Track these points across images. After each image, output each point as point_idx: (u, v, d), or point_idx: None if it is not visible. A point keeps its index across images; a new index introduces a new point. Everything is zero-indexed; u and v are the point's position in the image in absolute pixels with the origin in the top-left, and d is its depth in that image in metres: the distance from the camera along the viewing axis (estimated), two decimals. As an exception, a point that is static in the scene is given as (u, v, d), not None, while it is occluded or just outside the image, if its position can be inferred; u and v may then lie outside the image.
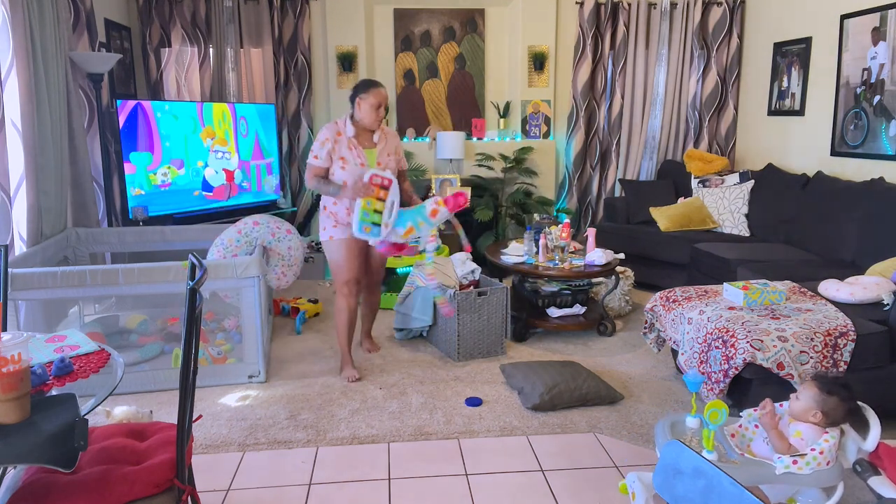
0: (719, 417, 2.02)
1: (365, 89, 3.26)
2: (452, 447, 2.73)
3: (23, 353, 1.41)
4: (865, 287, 3.03)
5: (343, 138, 3.28)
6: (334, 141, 3.27)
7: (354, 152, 3.27)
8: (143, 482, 1.64)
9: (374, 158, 3.32)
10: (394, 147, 3.41)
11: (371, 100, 3.24)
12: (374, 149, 3.34)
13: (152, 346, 3.57)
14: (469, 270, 3.86)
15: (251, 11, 5.35)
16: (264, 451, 2.71)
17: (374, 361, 3.66)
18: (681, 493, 1.45)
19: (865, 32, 4.13)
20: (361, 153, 3.29)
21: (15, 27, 3.35)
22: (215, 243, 3.68)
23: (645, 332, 3.41)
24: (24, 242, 3.54)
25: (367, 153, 3.31)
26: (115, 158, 4.59)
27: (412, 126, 5.79)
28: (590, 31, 5.54)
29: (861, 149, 4.21)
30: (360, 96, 3.27)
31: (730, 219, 4.85)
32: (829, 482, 1.99)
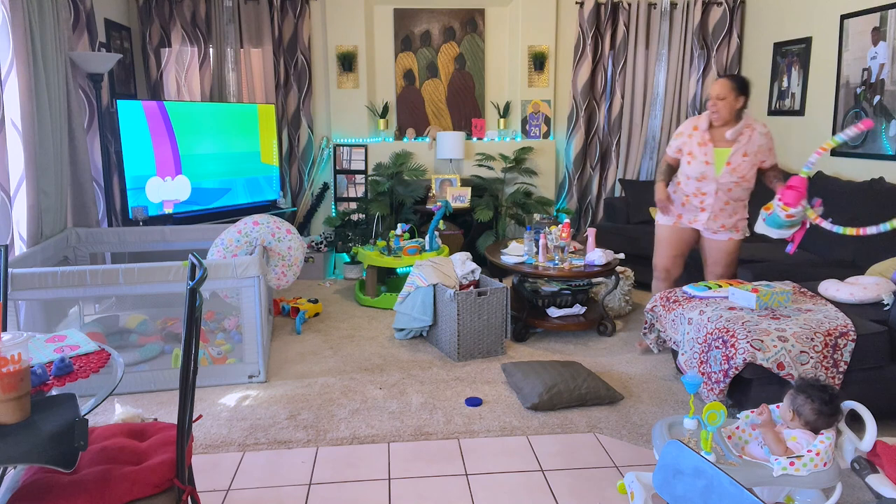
0: (717, 419, 2.03)
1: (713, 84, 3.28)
2: (452, 447, 2.73)
3: (23, 353, 1.41)
4: (865, 287, 3.03)
5: (697, 133, 3.31)
6: (689, 135, 3.33)
7: (703, 150, 3.29)
8: (143, 482, 1.64)
9: (724, 159, 3.27)
10: (756, 147, 3.26)
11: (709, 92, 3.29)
12: (727, 148, 3.28)
13: (152, 346, 3.57)
14: (469, 270, 3.86)
15: (251, 11, 5.35)
16: (264, 451, 2.71)
17: (374, 361, 3.66)
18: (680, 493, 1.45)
19: (865, 32, 4.13)
20: (710, 152, 3.28)
21: (15, 27, 3.35)
22: (215, 243, 3.68)
23: (645, 333, 3.41)
24: (24, 242, 3.54)
25: (717, 153, 3.27)
26: (116, 158, 4.59)
27: (412, 126, 5.79)
28: (590, 31, 5.54)
29: (861, 149, 4.21)
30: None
31: (730, 219, 4.84)
32: (826, 483, 1.99)
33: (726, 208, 3.40)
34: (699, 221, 3.46)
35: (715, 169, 3.30)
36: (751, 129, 3.27)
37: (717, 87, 3.24)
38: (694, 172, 3.34)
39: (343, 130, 5.64)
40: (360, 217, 5.52)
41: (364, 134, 5.64)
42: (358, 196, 5.63)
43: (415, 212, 5.46)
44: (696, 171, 3.32)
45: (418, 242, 4.63)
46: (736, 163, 3.27)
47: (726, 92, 3.22)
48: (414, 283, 3.92)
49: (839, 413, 2.07)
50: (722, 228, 3.45)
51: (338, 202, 5.68)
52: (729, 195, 3.36)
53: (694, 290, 3.19)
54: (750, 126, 3.28)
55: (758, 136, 3.27)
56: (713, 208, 3.39)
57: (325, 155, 5.71)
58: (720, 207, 3.39)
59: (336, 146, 5.60)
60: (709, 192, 3.36)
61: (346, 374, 3.49)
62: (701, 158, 3.30)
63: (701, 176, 3.33)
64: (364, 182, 5.61)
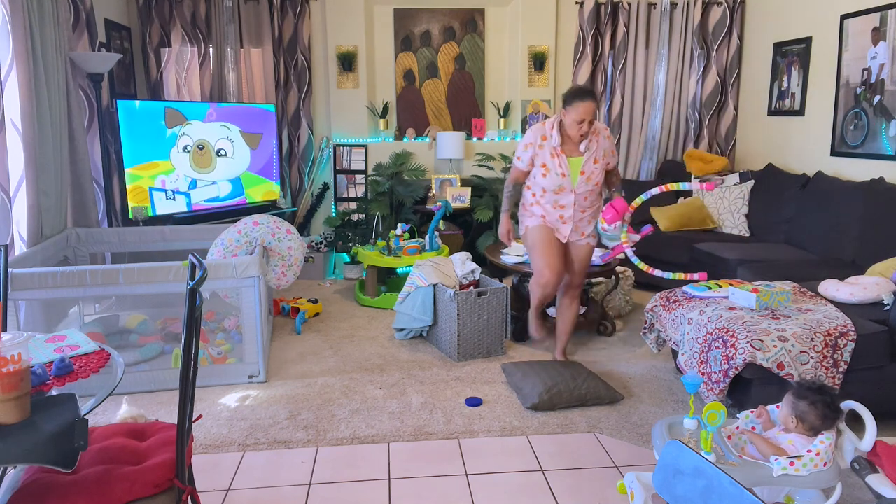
0: (717, 419, 2.03)
1: (570, 101, 3.08)
2: (452, 447, 2.73)
3: (23, 353, 1.41)
4: (865, 287, 3.03)
5: (548, 144, 3.18)
6: (539, 146, 3.19)
7: (557, 161, 3.17)
8: (143, 482, 1.64)
9: (578, 168, 3.19)
10: (603, 151, 3.23)
11: (573, 115, 3.07)
12: (579, 158, 3.20)
13: (152, 346, 3.57)
14: (469, 270, 3.86)
15: (251, 11, 5.35)
16: (264, 451, 2.71)
17: (374, 361, 3.66)
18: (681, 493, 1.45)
19: (865, 32, 4.13)
20: (564, 162, 3.18)
21: (15, 27, 3.35)
22: (215, 243, 3.68)
23: (645, 333, 3.41)
24: (24, 242, 3.54)
25: (571, 163, 3.19)
26: (116, 158, 4.59)
27: (412, 126, 5.79)
28: (590, 31, 5.54)
29: (861, 149, 4.21)
30: (565, 108, 3.12)
31: (730, 219, 4.85)
32: (826, 483, 1.99)
33: (584, 216, 3.32)
34: (562, 234, 3.33)
35: (571, 180, 3.20)
36: (597, 135, 3.21)
37: (589, 113, 3.06)
38: (552, 185, 3.21)
39: (343, 130, 5.64)
40: (360, 217, 5.52)
41: (364, 134, 5.64)
42: (358, 196, 5.63)
43: (415, 212, 5.46)
44: (554, 183, 3.20)
45: (418, 242, 4.63)
46: (589, 171, 3.21)
47: (593, 114, 3.11)
48: (414, 283, 3.92)
49: (841, 413, 2.07)
50: (582, 236, 3.36)
51: (338, 202, 5.68)
52: (585, 203, 3.29)
53: (694, 290, 3.19)
54: (595, 131, 3.21)
55: (603, 139, 3.23)
56: (573, 219, 3.30)
57: (325, 155, 5.71)
58: (579, 217, 3.31)
59: (336, 146, 5.60)
60: (567, 205, 3.26)
61: (346, 374, 3.49)
62: (556, 171, 3.18)
63: (559, 188, 3.21)
64: (364, 182, 5.61)
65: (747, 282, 3.19)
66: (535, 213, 3.36)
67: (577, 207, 3.28)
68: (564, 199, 3.26)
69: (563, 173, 3.18)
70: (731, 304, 2.96)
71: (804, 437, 2.06)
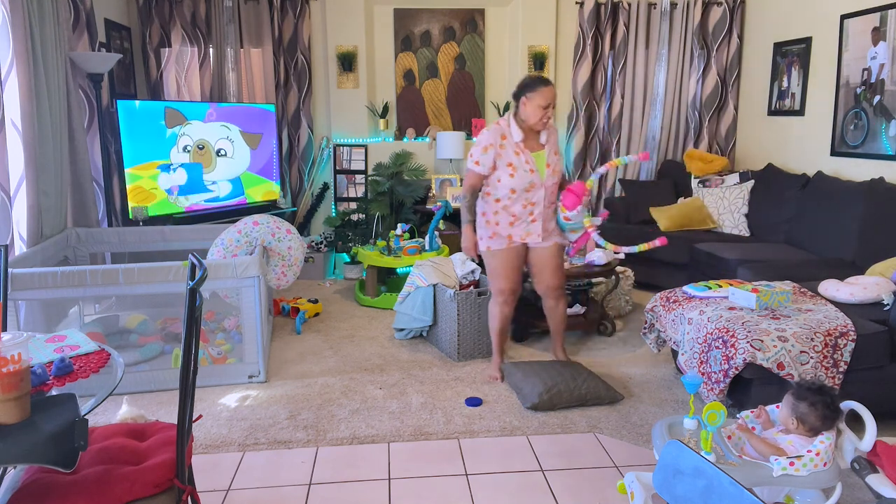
0: (717, 419, 2.03)
1: (532, 88, 3.02)
2: (452, 447, 2.73)
3: (23, 353, 1.41)
4: (865, 287, 3.03)
5: (509, 142, 3.08)
6: (499, 146, 3.08)
7: (523, 157, 3.08)
8: (143, 482, 1.64)
9: (544, 161, 3.13)
10: (555, 143, 3.20)
11: (538, 99, 3.01)
12: (542, 151, 3.14)
13: (152, 346, 3.57)
14: (469, 270, 3.86)
15: (251, 11, 5.35)
16: (264, 451, 2.71)
17: (374, 361, 3.66)
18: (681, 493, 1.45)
19: (865, 32, 4.13)
20: (530, 158, 3.10)
21: (15, 27, 3.35)
22: (215, 243, 3.68)
23: (645, 333, 3.41)
24: (24, 242, 3.54)
25: (536, 157, 3.12)
26: (116, 158, 4.59)
27: (412, 126, 5.79)
28: (590, 31, 5.54)
29: (861, 149, 4.21)
30: (525, 95, 3.04)
31: (730, 219, 4.85)
32: (826, 483, 1.99)
33: (548, 212, 3.23)
34: (533, 234, 3.21)
35: (540, 175, 3.12)
36: (552, 125, 3.18)
37: (553, 95, 3.04)
38: (522, 184, 3.09)
39: (343, 130, 5.64)
40: (360, 217, 5.52)
41: (364, 134, 5.64)
42: (358, 196, 5.63)
43: (415, 212, 5.46)
44: (525, 181, 3.09)
45: (418, 242, 4.63)
46: (553, 162, 3.16)
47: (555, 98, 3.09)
48: (414, 283, 3.92)
49: (840, 414, 2.07)
50: (549, 234, 3.26)
51: (338, 202, 5.68)
52: (550, 197, 3.21)
53: (694, 290, 3.19)
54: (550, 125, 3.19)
55: (554, 132, 3.19)
56: (543, 215, 3.20)
57: (325, 155, 5.71)
58: (546, 213, 3.22)
59: (336, 146, 5.60)
60: (538, 201, 3.16)
61: (346, 374, 3.49)
62: (524, 167, 3.08)
63: (529, 185, 3.11)
64: (364, 182, 5.61)
65: (747, 282, 3.19)
66: (500, 233, 3.21)
67: (545, 203, 3.20)
68: (535, 195, 3.16)
69: (532, 169, 3.10)
70: (731, 304, 2.96)
71: (804, 438, 2.05)
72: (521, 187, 3.12)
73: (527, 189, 3.13)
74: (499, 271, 3.27)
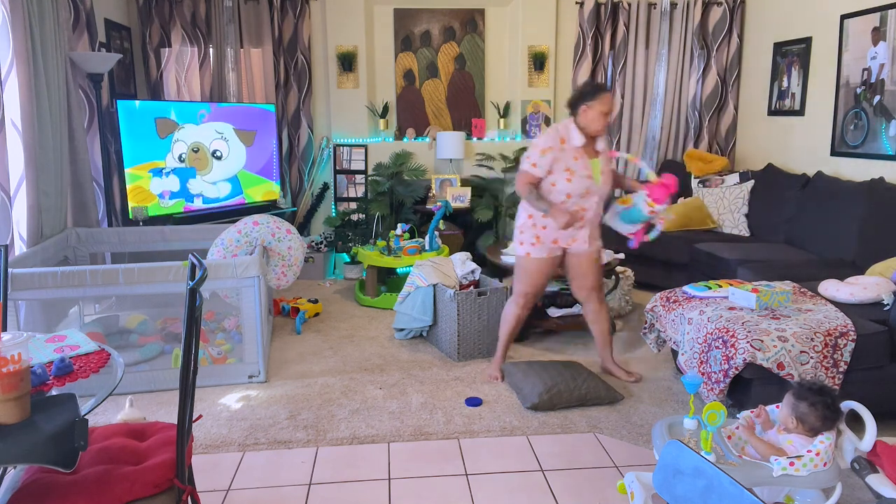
0: (717, 419, 2.03)
1: (593, 95, 3.00)
2: (452, 447, 2.73)
3: (23, 353, 1.41)
4: (865, 287, 3.03)
5: (569, 147, 3.05)
6: (559, 150, 3.04)
7: (581, 162, 3.06)
8: (143, 482, 1.64)
9: (599, 168, 3.12)
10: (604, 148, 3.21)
11: (600, 106, 3.00)
12: (598, 158, 3.13)
13: (152, 346, 3.57)
14: (469, 270, 3.87)
15: (251, 11, 5.35)
16: (264, 451, 2.71)
17: (374, 361, 3.66)
18: (681, 493, 1.45)
19: (865, 32, 4.13)
20: (588, 164, 3.08)
21: (15, 27, 3.35)
22: (215, 243, 3.68)
23: (645, 333, 3.41)
24: (24, 242, 3.54)
25: (592, 164, 3.10)
26: (116, 158, 4.59)
27: (412, 126, 5.79)
28: (590, 31, 5.54)
29: (861, 149, 4.21)
30: (586, 103, 3.02)
31: (730, 219, 4.85)
32: (826, 483, 1.99)
33: (595, 218, 3.24)
34: (579, 240, 3.21)
35: (595, 181, 3.12)
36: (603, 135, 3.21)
37: (611, 102, 3.03)
38: (578, 189, 3.07)
39: (343, 130, 5.64)
40: (360, 217, 5.52)
41: (364, 134, 5.64)
42: (358, 196, 5.63)
43: (415, 212, 5.46)
44: (581, 187, 3.07)
45: (418, 242, 4.63)
46: (608, 170, 3.16)
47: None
48: (414, 283, 3.92)
49: (841, 414, 2.07)
50: (591, 239, 3.26)
51: (338, 202, 5.68)
52: (601, 204, 3.21)
53: (694, 290, 3.19)
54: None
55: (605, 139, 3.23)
56: (592, 222, 3.21)
57: (325, 155, 5.71)
58: (594, 219, 3.22)
59: (336, 146, 5.60)
60: (590, 207, 3.16)
61: (346, 374, 3.49)
62: (582, 173, 3.06)
63: (586, 191, 3.10)
64: (364, 182, 5.61)
65: (747, 282, 3.18)
66: (545, 240, 3.17)
67: (597, 208, 3.19)
68: (589, 201, 3.15)
69: (589, 175, 3.08)
70: (731, 304, 2.96)
71: (804, 438, 2.06)
72: (578, 193, 3.09)
73: (582, 195, 3.11)
74: (530, 277, 3.26)
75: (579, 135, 3.06)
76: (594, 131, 3.07)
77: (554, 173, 3.07)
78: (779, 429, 2.15)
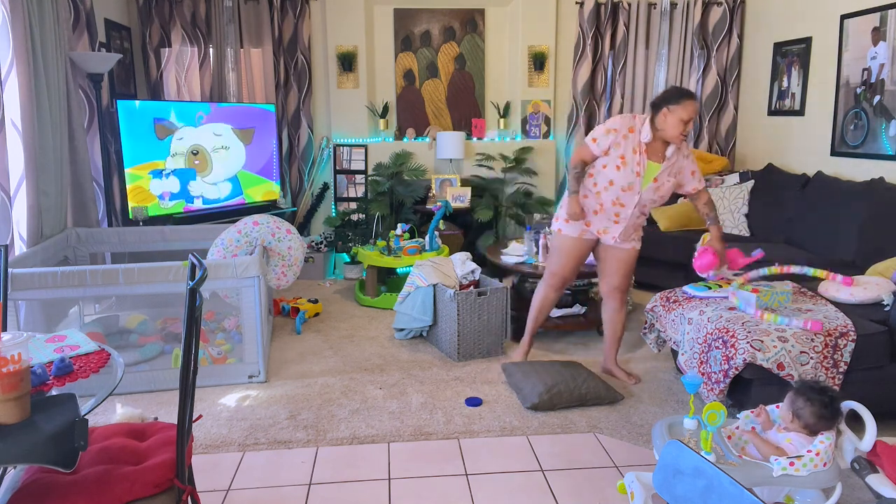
0: (717, 419, 2.03)
1: (677, 100, 2.91)
2: (452, 447, 2.73)
3: (23, 353, 1.41)
4: (865, 287, 3.03)
5: (634, 137, 3.01)
6: (623, 136, 3.01)
7: (637, 157, 3.00)
8: (143, 482, 1.64)
9: (653, 174, 3.04)
10: (680, 168, 3.09)
11: (681, 113, 2.90)
12: (658, 164, 3.04)
13: (152, 346, 3.57)
14: (469, 270, 3.86)
15: (251, 11, 5.35)
16: (264, 451, 2.71)
17: (374, 361, 3.66)
18: (680, 493, 1.45)
19: (865, 32, 4.13)
20: (643, 162, 3.01)
21: (15, 27, 3.35)
22: (215, 243, 3.68)
23: (645, 333, 3.41)
24: (24, 242, 3.54)
25: (650, 166, 3.02)
26: (116, 158, 4.59)
27: (412, 126, 5.79)
28: (590, 31, 5.54)
29: (861, 149, 4.21)
30: (668, 106, 2.93)
31: (730, 219, 4.85)
32: (826, 483, 1.99)
33: (637, 223, 3.20)
34: (610, 233, 3.19)
35: (642, 182, 3.05)
36: (679, 150, 3.09)
37: (694, 112, 2.95)
38: (622, 181, 3.04)
39: (343, 130, 5.64)
40: (360, 217, 5.52)
41: (364, 134, 5.64)
42: (358, 196, 5.63)
43: (415, 212, 5.46)
44: (625, 179, 3.03)
45: (418, 242, 4.63)
46: (662, 181, 3.06)
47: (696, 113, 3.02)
48: (414, 283, 3.91)
49: (839, 415, 2.07)
50: (628, 239, 3.23)
51: (338, 202, 5.68)
52: (644, 210, 3.16)
53: (694, 290, 3.19)
54: (680, 147, 3.10)
55: (682, 158, 3.10)
56: (628, 222, 3.15)
57: (325, 155, 5.71)
58: (633, 222, 3.17)
59: (336, 146, 5.60)
60: (628, 205, 3.10)
61: (346, 374, 3.49)
62: (632, 167, 3.02)
63: (628, 186, 3.05)
64: (364, 182, 5.61)
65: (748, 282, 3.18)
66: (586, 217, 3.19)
67: (636, 211, 3.13)
68: (628, 198, 3.08)
69: (639, 172, 3.02)
70: (731, 304, 2.96)
71: (801, 435, 2.06)
72: (620, 183, 3.05)
73: (624, 188, 3.06)
74: (560, 255, 3.28)
75: (649, 131, 3.01)
76: (669, 136, 2.97)
77: (609, 155, 3.06)
78: (779, 427, 2.16)
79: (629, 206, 3.11)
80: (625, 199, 3.09)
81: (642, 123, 3.04)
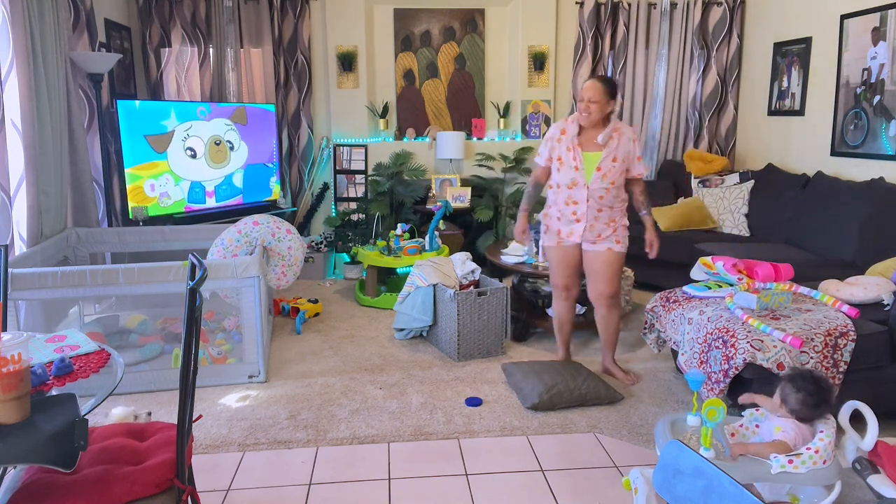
0: (717, 415, 2.03)
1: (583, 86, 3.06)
2: (452, 447, 2.73)
3: (23, 353, 1.41)
4: (865, 287, 3.03)
5: (566, 137, 3.13)
6: (557, 140, 3.14)
7: (572, 154, 3.09)
8: (143, 482, 1.64)
9: (594, 164, 3.10)
10: (627, 152, 3.14)
11: (582, 94, 3.03)
12: (598, 153, 3.10)
13: (152, 346, 3.57)
14: (469, 270, 3.86)
15: (251, 11, 5.35)
16: (264, 451, 2.71)
17: (374, 361, 3.66)
18: (680, 493, 1.45)
19: (865, 32, 4.13)
20: (579, 156, 3.09)
21: (15, 27, 3.35)
22: (215, 243, 3.68)
23: (645, 333, 3.41)
24: (24, 242, 3.54)
25: (587, 157, 3.10)
26: (116, 158, 4.59)
27: (412, 126, 5.79)
28: (590, 31, 5.54)
29: (861, 149, 4.21)
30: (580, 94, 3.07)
31: (730, 219, 4.85)
32: (825, 481, 1.99)
33: (600, 216, 3.19)
34: (575, 234, 3.24)
35: (585, 175, 3.12)
36: (619, 134, 3.12)
37: (591, 90, 3.03)
38: (564, 179, 3.16)
39: (343, 130, 5.64)
40: (360, 217, 5.52)
41: (364, 134, 5.64)
42: (358, 196, 5.63)
43: (415, 212, 5.46)
44: (567, 177, 3.15)
45: (418, 242, 4.63)
46: (606, 168, 3.10)
47: (599, 95, 3.03)
48: (414, 283, 3.91)
49: (825, 404, 2.06)
50: (599, 238, 3.22)
51: (338, 202, 5.68)
52: (601, 202, 3.17)
53: (694, 290, 3.19)
54: (618, 130, 3.13)
55: (626, 140, 3.13)
56: (587, 217, 3.18)
57: (325, 155, 5.71)
58: (594, 216, 3.18)
59: (336, 146, 5.60)
60: (580, 200, 3.16)
61: (346, 374, 3.49)
62: (570, 163, 3.12)
63: (571, 183, 3.15)
64: (364, 182, 5.61)
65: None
66: (551, 228, 3.33)
67: (590, 205, 3.16)
68: (577, 194, 3.17)
69: (577, 167, 3.11)
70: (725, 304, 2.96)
71: (791, 421, 2.07)
72: (564, 183, 3.19)
73: (569, 185, 3.19)
74: (551, 266, 3.41)
75: (575, 125, 3.13)
76: (582, 121, 3.12)
77: (552, 163, 3.24)
78: (770, 415, 2.17)
79: (581, 201, 3.19)
80: (575, 196, 3.20)
81: (572, 121, 3.17)
